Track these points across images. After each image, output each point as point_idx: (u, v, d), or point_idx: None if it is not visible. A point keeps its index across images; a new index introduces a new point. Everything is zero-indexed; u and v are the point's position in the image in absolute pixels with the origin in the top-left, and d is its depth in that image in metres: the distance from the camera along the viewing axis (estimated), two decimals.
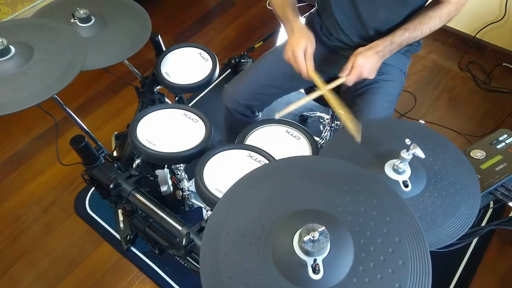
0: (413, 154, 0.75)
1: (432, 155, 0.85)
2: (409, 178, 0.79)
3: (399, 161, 0.77)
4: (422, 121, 0.72)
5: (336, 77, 1.37)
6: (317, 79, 1.07)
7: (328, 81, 1.36)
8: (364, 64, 1.05)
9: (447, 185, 0.80)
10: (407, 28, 1.09)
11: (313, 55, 1.08)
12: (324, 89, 1.04)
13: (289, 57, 1.10)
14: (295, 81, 1.34)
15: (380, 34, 1.18)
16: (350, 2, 1.14)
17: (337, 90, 1.31)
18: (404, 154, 0.75)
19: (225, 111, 1.36)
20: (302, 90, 1.45)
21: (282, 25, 1.19)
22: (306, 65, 1.07)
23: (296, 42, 1.07)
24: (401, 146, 0.76)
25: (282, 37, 2.22)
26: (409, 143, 0.74)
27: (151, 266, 1.59)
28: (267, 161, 1.01)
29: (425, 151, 0.77)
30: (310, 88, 1.39)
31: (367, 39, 1.20)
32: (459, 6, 1.10)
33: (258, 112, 1.40)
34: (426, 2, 1.14)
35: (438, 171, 0.82)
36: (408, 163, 0.78)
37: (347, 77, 1.08)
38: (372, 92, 1.19)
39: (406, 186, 0.78)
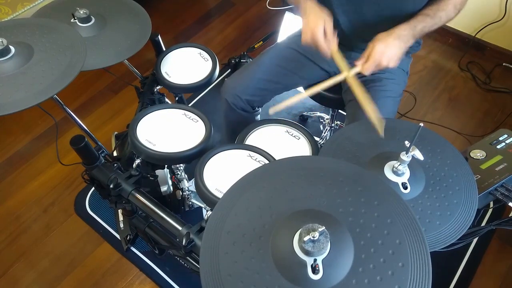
0: (412, 156, 0.75)
1: (431, 156, 0.85)
2: (408, 180, 0.79)
3: (398, 163, 0.77)
4: (421, 124, 0.72)
5: (334, 76, 1.36)
6: (340, 61, 1.01)
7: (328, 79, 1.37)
8: (383, 50, 0.97)
9: (445, 187, 0.80)
10: (427, 13, 1.03)
11: (333, 32, 1.01)
12: (348, 74, 0.97)
13: (308, 40, 1.02)
14: (296, 78, 1.34)
15: None
16: (355, 3, 1.13)
17: (339, 89, 1.31)
18: (404, 156, 0.75)
19: (225, 106, 1.35)
20: (300, 89, 1.44)
21: (299, 12, 1.13)
22: (330, 45, 1.01)
23: (313, 24, 0.99)
24: (400, 148, 0.76)
25: (282, 36, 2.22)
26: (408, 145, 0.74)
27: (151, 266, 1.59)
28: (267, 161, 1.01)
29: (424, 152, 0.77)
30: (310, 86, 1.38)
31: (369, 42, 1.20)
32: None
33: (258, 108, 1.40)
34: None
35: (436, 172, 0.82)
36: (407, 164, 0.78)
37: (363, 66, 0.99)
38: (376, 91, 1.18)
39: (405, 188, 0.78)
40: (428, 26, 1.04)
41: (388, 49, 0.97)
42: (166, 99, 1.48)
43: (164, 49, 1.40)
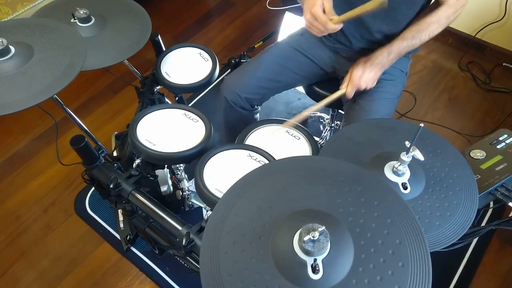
0: (413, 157, 0.75)
1: (432, 157, 0.85)
2: (408, 180, 0.79)
3: (399, 163, 0.77)
4: (421, 125, 0.72)
5: (333, 75, 1.37)
6: (349, 15, 1.03)
7: (328, 80, 1.37)
8: (361, 76, 1.08)
9: (445, 187, 0.79)
10: (405, 37, 1.10)
11: (332, 8, 1.04)
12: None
13: (308, 19, 1.05)
14: (296, 77, 1.34)
15: (381, 35, 1.17)
16: (350, 3, 1.13)
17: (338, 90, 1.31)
18: (404, 156, 0.75)
19: (224, 104, 1.35)
20: (299, 89, 1.45)
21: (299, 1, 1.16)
22: (329, 18, 1.03)
23: (312, 3, 1.03)
24: (400, 148, 0.76)
25: (282, 36, 2.22)
26: (408, 145, 0.74)
27: (151, 266, 1.59)
28: (267, 161, 1.01)
29: (425, 153, 0.77)
30: (310, 86, 1.39)
31: (368, 41, 1.20)
32: (458, 7, 1.09)
33: (257, 106, 1.40)
34: (427, 2, 1.14)
35: (437, 173, 0.82)
36: (408, 165, 0.77)
37: (347, 90, 1.11)
38: (373, 91, 1.19)
39: (405, 188, 0.78)
40: (405, 49, 1.12)
41: (365, 74, 1.10)
42: (166, 99, 1.47)
43: (164, 49, 1.40)
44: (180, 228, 0.98)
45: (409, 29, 1.11)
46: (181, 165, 1.49)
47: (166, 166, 1.48)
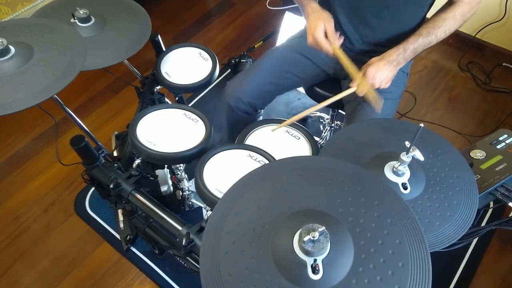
0: (413, 157, 0.75)
1: (432, 157, 0.85)
2: (408, 180, 0.79)
3: (399, 163, 0.77)
4: (421, 125, 0.72)
5: (334, 77, 1.37)
6: (342, 58, 1.07)
7: (328, 81, 1.37)
8: (375, 75, 1.04)
9: (445, 187, 0.80)
10: (420, 33, 1.08)
11: (334, 32, 1.07)
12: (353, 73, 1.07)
13: (311, 42, 1.08)
14: (297, 79, 1.34)
15: (386, 37, 1.17)
16: (354, 3, 1.13)
17: (338, 90, 1.31)
18: (404, 156, 0.75)
19: (227, 109, 1.35)
20: (299, 89, 1.45)
21: (303, 15, 1.17)
22: (330, 44, 1.06)
23: (314, 25, 1.06)
24: (400, 148, 0.76)
25: (282, 36, 2.22)
26: (408, 145, 0.74)
27: (151, 266, 1.59)
28: (267, 161, 1.01)
29: (425, 153, 0.77)
30: (311, 87, 1.39)
31: (370, 43, 1.20)
32: (473, 5, 1.08)
33: (260, 110, 1.40)
34: (433, 2, 1.13)
35: (437, 173, 0.82)
36: (408, 165, 0.77)
37: (358, 87, 1.07)
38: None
39: (405, 188, 0.78)
40: (421, 46, 1.08)
41: (379, 73, 1.04)
42: (166, 99, 1.48)
43: (164, 49, 1.40)
44: (180, 228, 0.98)
45: (424, 25, 1.09)
46: (181, 165, 1.49)
47: (166, 166, 1.48)
